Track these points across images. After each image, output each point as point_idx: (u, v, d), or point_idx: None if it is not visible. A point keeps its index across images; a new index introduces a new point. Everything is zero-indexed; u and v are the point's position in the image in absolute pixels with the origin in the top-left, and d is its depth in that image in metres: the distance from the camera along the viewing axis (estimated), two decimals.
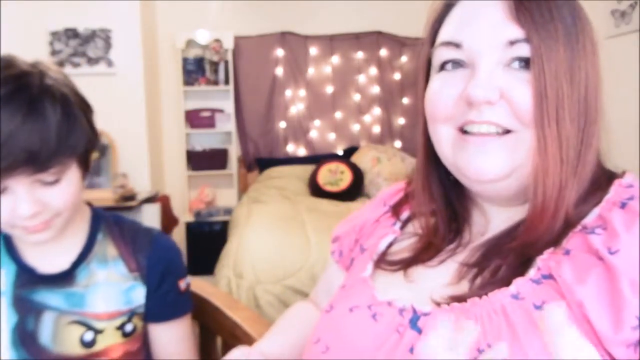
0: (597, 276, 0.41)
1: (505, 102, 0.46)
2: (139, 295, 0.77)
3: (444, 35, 0.51)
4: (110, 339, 0.74)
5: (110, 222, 0.81)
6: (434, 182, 0.57)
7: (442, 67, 0.51)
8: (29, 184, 0.63)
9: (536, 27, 0.45)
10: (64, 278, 0.74)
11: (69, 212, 0.70)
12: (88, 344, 0.73)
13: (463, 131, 0.49)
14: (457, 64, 0.49)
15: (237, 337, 0.86)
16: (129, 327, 0.76)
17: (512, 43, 0.46)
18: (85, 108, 0.70)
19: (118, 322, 0.75)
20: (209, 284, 0.97)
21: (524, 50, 0.45)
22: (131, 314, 0.76)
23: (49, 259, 0.74)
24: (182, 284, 0.83)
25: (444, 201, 0.57)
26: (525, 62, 0.46)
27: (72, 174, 0.68)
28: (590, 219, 0.46)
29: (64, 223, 0.70)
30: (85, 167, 0.72)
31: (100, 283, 0.75)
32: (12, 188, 0.63)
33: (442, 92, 0.50)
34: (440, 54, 0.51)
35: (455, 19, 0.51)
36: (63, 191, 0.67)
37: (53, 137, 0.62)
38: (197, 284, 0.95)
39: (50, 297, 0.73)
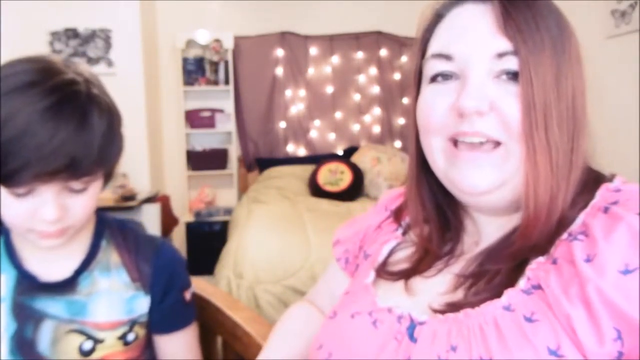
0: (577, 287, 0.41)
1: (495, 113, 0.47)
2: (141, 304, 0.76)
3: (435, 46, 0.52)
4: (110, 348, 0.73)
5: (114, 228, 0.79)
6: (425, 191, 0.58)
7: (433, 78, 0.51)
8: (59, 190, 0.63)
9: (523, 39, 0.46)
10: (66, 286, 0.72)
11: (82, 223, 0.69)
12: (86, 353, 0.72)
13: (454, 142, 0.49)
14: (448, 76, 0.50)
15: (237, 337, 0.86)
16: (130, 337, 0.75)
17: (501, 55, 0.47)
18: (120, 121, 0.70)
19: (119, 332, 0.74)
20: (209, 284, 0.97)
21: (512, 62, 0.46)
22: (133, 323, 0.75)
23: (51, 266, 0.73)
24: (187, 295, 0.82)
25: (436, 211, 0.57)
26: (514, 75, 0.47)
27: (97, 185, 0.69)
28: (575, 226, 0.46)
29: (74, 233, 0.70)
30: (108, 178, 0.72)
31: (102, 292, 0.73)
32: (40, 191, 0.62)
33: (433, 103, 0.51)
34: (432, 66, 0.51)
35: (445, 30, 0.52)
36: (86, 200, 0.67)
37: (96, 147, 0.62)
38: (197, 284, 0.95)
39: (50, 305, 0.71)
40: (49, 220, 0.63)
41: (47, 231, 0.65)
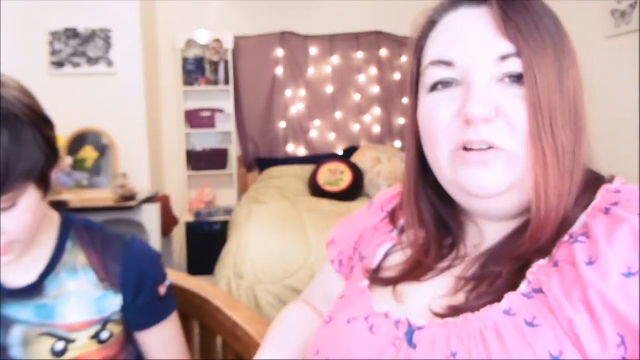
0: (579, 291, 0.41)
1: (502, 119, 0.46)
2: (112, 303, 0.75)
3: (432, 53, 0.50)
4: (84, 348, 0.73)
5: (81, 228, 0.78)
6: (423, 201, 0.57)
7: (434, 87, 0.50)
8: None
9: (525, 40, 0.45)
10: (33, 290, 0.72)
11: (28, 236, 0.68)
12: (59, 354, 0.72)
13: (463, 149, 0.48)
14: (449, 83, 0.49)
15: (237, 337, 0.86)
16: (104, 335, 0.75)
17: (504, 58, 0.46)
18: (42, 126, 0.66)
19: (92, 331, 0.74)
20: (209, 284, 0.97)
21: (516, 65, 0.46)
22: (105, 322, 0.75)
23: (17, 272, 0.72)
24: (162, 290, 0.80)
25: (434, 220, 0.56)
26: (517, 77, 0.46)
27: (29, 197, 0.65)
28: (576, 227, 0.45)
29: (24, 246, 0.69)
30: (45, 187, 0.69)
31: (70, 293, 0.73)
32: None
33: (436, 112, 0.49)
34: (432, 74, 0.50)
35: (441, 36, 0.50)
36: (19, 216, 0.64)
37: (1, 165, 0.59)
38: (197, 284, 0.95)
39: (19, 311, 0.71)
40: None
41: None
